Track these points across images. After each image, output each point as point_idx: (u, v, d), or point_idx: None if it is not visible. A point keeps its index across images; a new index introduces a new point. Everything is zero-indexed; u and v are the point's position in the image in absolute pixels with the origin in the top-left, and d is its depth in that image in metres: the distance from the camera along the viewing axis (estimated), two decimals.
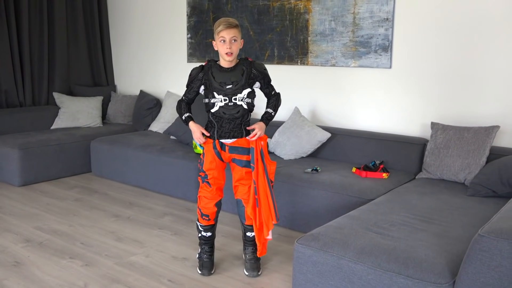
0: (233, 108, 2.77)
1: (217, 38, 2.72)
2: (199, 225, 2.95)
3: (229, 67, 2.78)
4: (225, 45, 2.69)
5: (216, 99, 2.77)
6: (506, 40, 3.48)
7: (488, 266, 1.88)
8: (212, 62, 2.82)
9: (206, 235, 2.95)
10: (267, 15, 4.73)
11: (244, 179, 2.85)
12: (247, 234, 2.95)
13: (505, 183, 3.06)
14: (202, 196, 2.90)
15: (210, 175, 2.86)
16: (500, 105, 3.57)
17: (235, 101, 2.77)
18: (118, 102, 6.04)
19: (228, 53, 2.70)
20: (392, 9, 3.98)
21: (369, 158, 3.97)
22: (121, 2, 6.11)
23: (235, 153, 2.85)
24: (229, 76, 2.76)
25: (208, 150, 2.87)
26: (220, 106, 2.77)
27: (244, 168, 2.85)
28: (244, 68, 2.79)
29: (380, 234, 2.44)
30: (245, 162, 2.84)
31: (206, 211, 2.89)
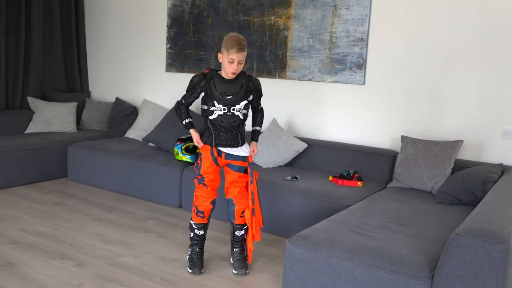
0: (231, 117, 2.98)
1: (226, 56, 2.86)
2: (193, 224, 3.12)
3: (230, 78, 2.98)
4: (232, 65, 2.88)
5: (216, 107, 2.96)
6: (468, 62, 3.83)
7: (464, 261, 2.15)
8: (214, 72, 3.00)
9: (199, 233, 3.12)
10: (247, 30, 4.95)
11: (236, 182, 3.08)
12: (235, 233, 3.14)
13: (468, 192, 3.37)
14: (199, 195, 3.09)
15: (207, 178, 3.06)
16: (462, 122, 3.92)
17: (233, 111, 2.98)
18: (93, 109, 6.08)
19: (233, 73, 2.92)
20: (367, 30, 4.29)
21: (343, 168, 4.23)
22: (98, 9, 6.19)
23: (230, 159, 3.07)
24: (229, 88, 2.95)
25: (206, 156, 3.05)
26: (219, 114, 2.97)
27: (238, 173, 3.07)
28: (244, 81, 3.00)
29: (363, 235, 2.67)
30: (238, 167, 3.07)
31: (202, 208, 3.07)
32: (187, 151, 4.45)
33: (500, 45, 3.72)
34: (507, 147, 3.77)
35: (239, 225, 3.11)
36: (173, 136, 4.82)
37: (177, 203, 4.37)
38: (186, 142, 4.46)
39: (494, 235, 2.10)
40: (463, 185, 3.42)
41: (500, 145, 3.79)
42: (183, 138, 4.51)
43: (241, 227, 3.12)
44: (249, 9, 4.92)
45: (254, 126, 3.19)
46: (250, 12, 4.92)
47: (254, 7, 4.89)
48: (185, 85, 5.41)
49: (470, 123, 3.90)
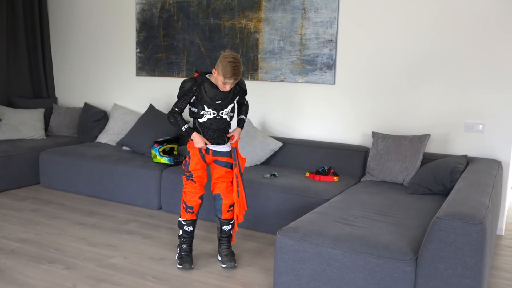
0: (219, 120, 3.13)
1: (221, 77, 2.93)
2: (182, 221, 3.20)
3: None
4: (226, 86, 3.00)
5: (206, 111, 3.09)
6: (431, 61, 4.09)
7: (445, 242, 2.34)
8: (203, 77, 3.08)
9: (188, 230, 3.21)
10: (218, 33, 5.06)
11: (223, 177, 3.21)
12: (223, 228, 3.24)
13: (438, 182, 3.61)
14: (187, 191, 3.19)
15: (195, 174, 3.17)
16: (428, 117, 4.17)
17: (222, 115, 3.13)
18: (61, 115, 6.02)
19: (224, 89, 3.03)
20: (335, 32, 4.48)
21: (317, 165, 4.41)
22: (63, 15, 6.14)
23: (217, 156, 3.20)
24: (219, 93, 3.07)
25: (194, 153, 3.17)
26: (209, 118, 3.10)
27: (224, 168, 3.21)
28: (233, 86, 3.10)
29: (348, 225, 2.84)
30: (225, 163, 3.21)
31: (191, 203, 3.17)
32: (164, 153, 4.51)
33: (459, 44, 3.98)
34: (470, 139, 4.04)
35: (226, 220, 3.23)
36: (148, 139, 4.86)
37: (156, 205, 4.42)
38: (164, 144, 4.52)
39: (472, 218, 2.30)
40: (433, 176, 3.65)
41: (463, 138, 4.06)
42: (160, 140, 4.57)
43: (228, 222, 3.23)
44: (220, 13, 5.03)
45: (240, 115, 3.32)
46: (221, 16, 5.03)
47: (224, 11, 5.00)
48: (156, 88, 5.47)
49: (435, 119, 4.15)
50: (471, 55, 3.96)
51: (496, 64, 3.89)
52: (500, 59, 3.87)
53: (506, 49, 3.84)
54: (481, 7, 3.89)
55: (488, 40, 3.89)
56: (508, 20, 3.81)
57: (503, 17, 3.82)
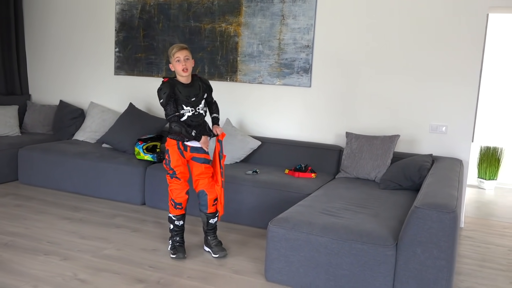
0: (198, 116, 3.37)
1: (173, 60, 3.27)
2: (172, 216, 3.39)
3: (187, 83, 3.34)
4: (180, 63, 3.25)
5: (185, 110, 3.31)
6: (398, 67, 4.44)
7: (423, 229, 2.65)
8: (173, 80, 3.32)
9: (179, 224, 3.40)
10: (199, 36, 5.25)
11: (203, 173, 3.41)
12: (209, 222, 3.45)
13: (408, 178, 3.95)
14: (174, 188, 3.38)
15: (178, 170, 3.37)
16: (396, 119, 4.52)
17: (199, 110, 3.38)
18: (36, 112, 6.04)
19: (184, 69, 3.26)
20: (312, 38, 4.77)
21: (294, 162, 4.68)
22: (38, 11, 6.16)
23: (195, 153, 3.40)
24: (191, 91, 3.33)
25: (173, 151, 3.37)
26: (189, 115, 3.33)
27: (203, 164, 3.42)
28: (199, 83, 3.39)
29: (333, 215, 3.11)
30: (203, 159, 3.42)
31: (179, 199, 3.36)
32: (147, 150, 4.66)
33: (424, 51, 4.36)
34: (434, 140, 4.42)
35: (211, 214, 3.43)
36: (129, 137, 4.99)
37: (140, 201, 4.57)
38: (148, 142, 4.67)
39: (446, 207, 2.62)
40: (403, 173, 3.99)
41: (429, 138, 4.44)
42: (144, 138, 4.71)
43: (214, 215, 3.44)
44: (200, 16, 5.23)
45: (212, 114, 3.53)
46: (201, 19, 5.22)
47: (205, 14, 5.20)
48: (135, 88, 5.60)
49: (403, 120, 4.51)
50: (435, 64, 4.33)
51: (458, 72, 4.28)
52: (461, 68, 4.26)
53: (464, 59, 4.23)
54: (443, 17, 4.27)
55: (449, 52, 4.27)
56: (465, 32, 4.21)
57: (461, 27, 4.22)
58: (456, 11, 4.24)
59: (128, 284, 2.92)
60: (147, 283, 2.95)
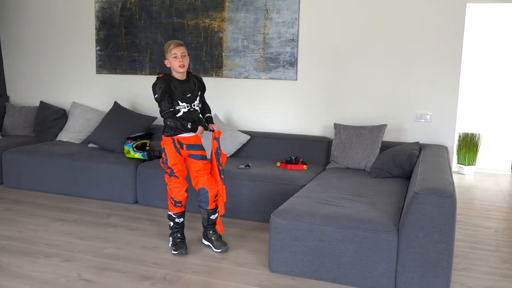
0: (193, 112, 3.38)
1: (170, 56, 3.27)
2: (172, 214, 3.40)
3: (183, 79, 3.34)
4: (177, 60, 3.26)
5: (181, 106, 3.32)
6: (383, 59, 4.55)
7: (423, 214, 2.74)
8: (169, 76, 3.32)
9: (179, 221, 3.42)
10: (182, 32, 5.24)
11: (202, 170, 3.42)
12: (210, 218, 3.47)
13: (398, 166, 4.06)
14: (173, 187, 3.38)
15: (175, 169, 3.37)
16: (382, 109, 4.63)
17: (194, 107, 3.39)
18: (16, 113, 5.92)
19: (181, 66, 3.27)
20: (296, 32, 4.83)
21: (283, 155, 4.74)
22: (14, 10, 6.02)
23: (191, 150, 3.40)
24: (186, 87, 3.33)
25: (170, 149, 3.37)
26: (184, 111, 3.33)
27: (201, 161, 3.43)
28: (195, 80, 3.41)
29: (332, 205, 3.19)
30: (200, 156, 3.43)
31: (179, 198, 3.38)
32: (137, 148, 4.64)
33: (406, 42, 4.47)
34: (420, 128, 4.55)
35: (212, 210, 3.45)
36: (117, 136, 4.95)
37: (132, 199, 4.55)
38: (137, 140, 4.65)
39: (445, 191, 2.73)
40: (393, 161, 4.09)
41: (414, 126, 4.56)
42: (134, 136, 4.69)
43: (214, 211, 3.47)
44: (183, 12, 5.22)
45: (206, 114, 3.54)
46: (184, 15, 5.21)
47: (188, 10, 5.20)
48: (118, 86, 5.56)
49: (389, 110, 4.62)
50: (418, 54, 4.46)
51: (439, 61, 4.41)
52: (442, 57, 4.39)
53: (445, 48, 4.37)
54: (423, 7, 4.39)
55: (430, 41, 4.40)
56: (445, 21, 4.34)
57: (441, 17, 4.34)
58: (436, 1, 4.36)
59: (135, 281, 2.93)
60: (153, 280, 2.96)
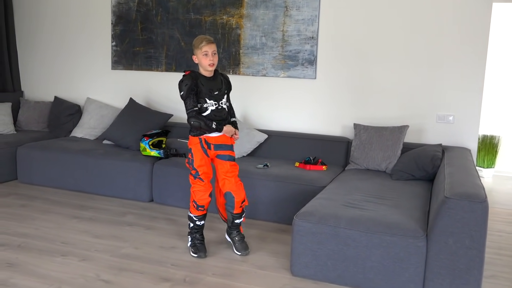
0: (221, 110, 3.28)
1: (200, 53, 3.18)
2: (193, 216, 3.29)
3: (210, 76, 3.26)
4: (208, 58, 3.17)
5: (208, 103, 3.22)
6: (406, 58, 4.45)
7: (454, 219, 2.65)
8: (195, 72, 3.23)
9: (200, 224, 3.32)
10: (199, 28, 5.16)
11: (229, 172, 3.31)
12: (235, 222, 3.36)
13: (420, 169, 3.96)
14: (197, 190, 3.27)
15: (201, 170, 3.26)
16: (404, 109, 4.53)
17: (222, 105, 3.28)
18: (30, 109, 5.88)
19: (210, 64, 3.17)
20: (316, 29, 4.74)
21: (301, 155, 4.65)
22: (29, 5, 5.97)
23: (219, 150, 3.30)
24: (213, 84, 3.24)
25: (196, 149, 3.27)
26: (212, 109, 3.23)
27: (229, 162, 3.32)
28: (221, 78, 3.32)
29: (356, 208, 3.10)
30: (228, 156, 3.32)
31: (202, 202, 3.26)
32: (153, 146, 4.57)
33: (430, 41, 4.37)
34: (442, 129, 4.44)
35: (238, 214, 3.34)
36: (132, 132, 4.89)
37: (148, 198, 4.48)
38: (154, 137, 4.58)
39: (477, 196, 2.63)
40: (415, 163, 4.00)
41: (436, 128, 4.46)
42: (150, 133, 4.62)
43: (240, 215, 3.35)
44: (200, 8, 5.14)
45: (231, 118, 3.42)
46: (202, 11, 5.13)
47: (205, 6, 5.12)
48: (134, 82, 5.50)
49: (410, 110, 4.52)
50: (441, 54, 4.35)
51: (464, 61, 4.30)
52: (467, 58, 4.28)
53: (470, 48, 4.25)
54: (448, 7, 4.28)
55: (455, 41, 4.29)
56: (470, 21, 4.23)
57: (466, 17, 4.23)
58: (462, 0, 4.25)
59: (155, 283, 2.86)
60: (173, 282, 2.89)
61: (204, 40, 3.19)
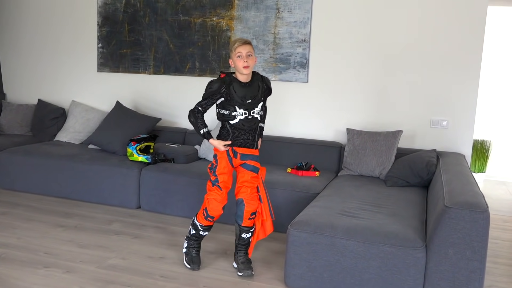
0: (251, 120, 3.04)
1: (234, 54, 2.96)
2: (199, 225, 3.10)
3: (247, 81, 3.02)
4: (242, 60, 2.93)
5: (238, 112, 2.99)
6: (399, 63, 4.37)
7: (455, 229, 2.56)
8: (231, 77, 3.00)
9: (203, 234, 3.13)
10: (188, 30, 5.04)
11: (248, 182, 3.08)
12: (241, 236, 3.11)
13: (415, 175, 3.88)
14: (212, 198, 3.05)
15: (221, 179, 3.04)
16: (397, 114, 4.45)
17: (253, 114, 3.04)
18: (13, 112, 5.69)
19: (245, 66, 2.94)
20: (309, 32, 4.64)
21: (293, 160, 4.55)
22: (10, 6, 5.79)
23: (246, 160, 3.09)
24: (248, 91, 3.00)
25: (222, 156, 3.06)
26: (241, 119, 3.01)
27: (251, 172, 3.09)
28: (259, 83, 3.07)
29: (353, 217, 3.00)
30: (252, 167, 3.10)
31: (213, 213, 3.05)
32: (141, 151, 4.43)
33: (425, 48, 4.30)
34: (436, 134, 4.37)
35: (246, 228, 3.09)
36: (119, 137, 4.75)
37: (135, 204, 4.34)
38: (141, 142, 4.44)
39: (478, 206, 2.55)
40: (410, 169, 3.92)
41: (430, 133, 4.39)
42: (137, 138, 4.48)
43: (248, 230, 3.10)
44: (190, 9, 5.01)
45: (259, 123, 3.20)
46: (191, 13, 5.01)
47: (195, 7, 5.00)
48: (121, 85, 5.36)
49: (403, 115, 4.44)
50: (435, 58, 4.28)
51: (458, 66, 4.23)
52: (461, 62, 4.22)
53: (465, 52, 4.19)
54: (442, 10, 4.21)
55: (449, 45, 4.23)
56: (465, 25, 4.17)
57: (460, 20, 4.17)
58: (456, 4, 4.18)
59: None
60: None
61: (238, 41, 2.97)
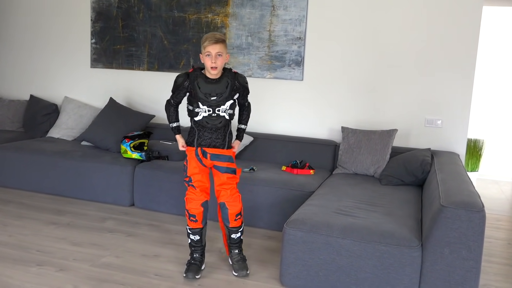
0: (216, 118, 2.94)
1: (204, 52, 2.87)
2: (188, 229, 3.04)
3: (214, 78, 2.92)
4: (210, 59, 2.83)
5: (201, 109, 2.92)
6: (396, 61, 4.37)
7: (451, 228, 2.56)
8: (198, 72, 2.95)
9: (194, 239, 3.02)
10: (183, 27, 5.00)
11: (225, 184, 3.02)
12: (231, 237, 3.07)
13: (410, 174, 3.88)
14: (189, 197, 3.01)
15: (194, 178, 2.99)
16: (392, 113, 4.45)
17: (218, 112, 2.94)
18: (4, 107, 5.63)
19: (213, 67, 2.85)
20: (304, 30, 4.63)
21: (288, 158, 4.54)
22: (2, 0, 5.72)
23: (216, 160, 3.00)
24: (214, 88, 2.90)
25: (191, 157, 3.01)
26: (204, 116, 2.93)
27: (226, 174, 3.01)
28: (229, 81, 2.94)
29: (348, 215, 2.99)
30: (225, 168, 3.01)
31: (193, 211, 2.99)
32: (135, 148, 4.40)
33: (420, 47, 4.30)
34: (430, 133, 4.38)
35: (234, 228, 3.05)
36: (112, 134, 4.71)
37: (128, 202, 4.31)
38: (135, 139, 4.40)
39: (474, 205, 2.55)
40: (404, 168, 3.92)
41: (425, 132, 4.39)
42: (131, 135, 4.44)
43: (237, 230, 3.06)
44: (184, 6, 4.98)
45: (240, 124, 3.19)
46: (186, 9, 4.98)
47: (189, 4, 4.96)
48: (114, 81, 5.32)
49: (398, 114, 4.44)
50: (430, 57, 4.28)
51: (453, 65, 4.24)
52: (456, 61, 4.22)
53: (459, 52, 4.20)
54: (438, 10, 4.22)
55: (444, 44, 4.23)
56: (460, 24, 4.17)
57: (455, 20, 4.18)
58: (451, 3, 4.19)
59: None
60: None
61: (208, 38, 2.85)
